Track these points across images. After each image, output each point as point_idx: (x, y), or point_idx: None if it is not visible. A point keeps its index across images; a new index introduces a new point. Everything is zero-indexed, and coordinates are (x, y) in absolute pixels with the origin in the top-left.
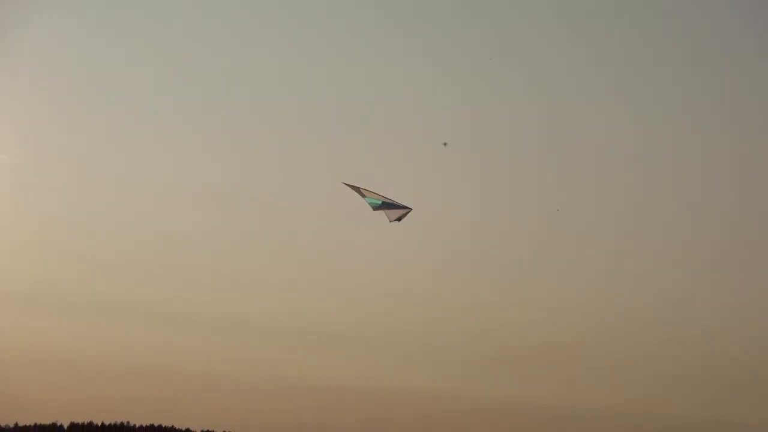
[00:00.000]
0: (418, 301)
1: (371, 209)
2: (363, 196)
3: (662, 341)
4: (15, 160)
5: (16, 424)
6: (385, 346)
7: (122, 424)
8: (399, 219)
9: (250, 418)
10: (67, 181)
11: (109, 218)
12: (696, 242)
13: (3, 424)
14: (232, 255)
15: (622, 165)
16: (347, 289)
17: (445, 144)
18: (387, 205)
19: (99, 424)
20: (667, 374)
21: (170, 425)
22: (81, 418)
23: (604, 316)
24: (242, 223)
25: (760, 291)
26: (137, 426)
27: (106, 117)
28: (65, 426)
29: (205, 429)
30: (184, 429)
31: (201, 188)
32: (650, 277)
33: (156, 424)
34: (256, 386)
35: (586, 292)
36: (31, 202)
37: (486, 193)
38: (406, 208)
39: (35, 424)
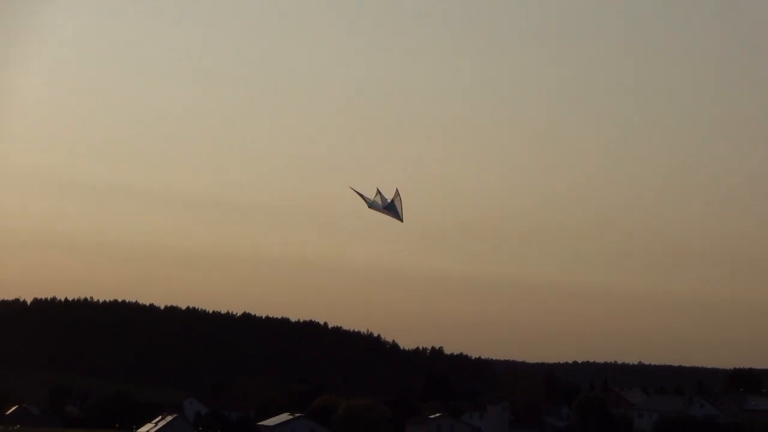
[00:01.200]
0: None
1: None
2: (367, 201)
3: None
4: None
5: None
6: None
7: (85, 299)
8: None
9: (214, 293)
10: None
11: (94, 99)
12: (695, 120)
13: None
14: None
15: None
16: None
17: None
18: (387, 209)
19: (62, 300)
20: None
21: (134, 300)
22: (44, 294)
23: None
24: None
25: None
26: (100, 302)
27: None
28: (28, 301)
29: (169, 304)
30: (147, 304)
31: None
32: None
33: (119, 300)
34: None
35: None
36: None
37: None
38: (397, 216)
39: None
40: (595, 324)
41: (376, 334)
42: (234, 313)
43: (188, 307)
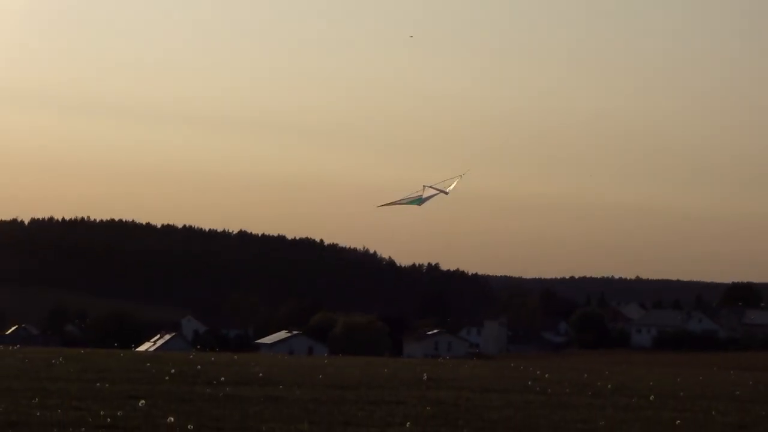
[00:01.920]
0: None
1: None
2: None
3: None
4: None
5: None
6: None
7: (83, 219)
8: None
9: (211, 211)
10: None
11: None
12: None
13: None
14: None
15: None
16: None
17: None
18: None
19: (60, 220)
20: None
21: (131, 219)
22: (41, 214)
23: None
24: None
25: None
26: (97, 221)
27: None
28: (26, 222)
29: (166, 223)
30: (144, 223)
31: None
32: None
33: (117, 219)
34: (214, 180)
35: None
36: None
37: None
38: (439, 191)
39: None
40: (592, 239)
41: (372, 251)
42: (230, 231)
43: (185, 225)
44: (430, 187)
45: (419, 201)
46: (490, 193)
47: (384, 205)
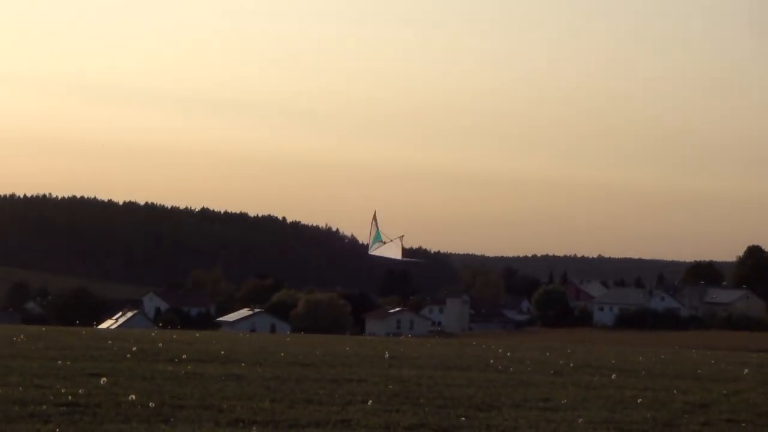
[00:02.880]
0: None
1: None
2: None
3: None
4: None
5: None
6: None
7: (44, 195)
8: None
9: (173, 189)
10: None
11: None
12: None
13: None
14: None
15: None
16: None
17: None
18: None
19: (21, 196)
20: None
21: (92, 196)
22: (3, 191)
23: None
24: None
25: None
26: (59, 198)
27: None
28: None
29: (128, 200)
30: (105, 200)
31: None
32: None
33: (78, 196)
34: (176, 157)
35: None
36: None
37: None
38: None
39: None
40: (554, 217)
41: (335, 229)
42: (192, 208)
43: (147, 203)
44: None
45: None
46: (453, 172)
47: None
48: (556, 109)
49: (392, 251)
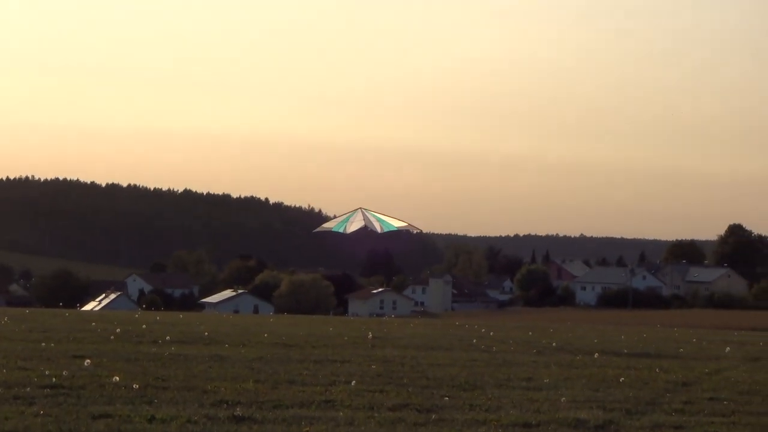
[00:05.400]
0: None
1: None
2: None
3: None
4: None
5: None
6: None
7: (26, 178)
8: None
9: (155, 170)
10: None
11: None
12: None
13: None
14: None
15: None
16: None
17: None
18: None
19: (3, 179)
20: None
21: (74, 179)
22: None
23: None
24: None
25: None
26: (41, 180)
27: None
28: None
29: (110, 182)
30: (88, 182)
31: None
32: None
33: (60, 178)
34: (158, 139)
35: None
36: None
37: None
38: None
39: None
40: (536, 196)
41: (317, 209)
42: (175, 189)
43: (129, 185)
44: (365, 212)
45: (342, 226)
46: (435, 151)
47: (319, 230)
48: (539, 88)
49: (353, 225)
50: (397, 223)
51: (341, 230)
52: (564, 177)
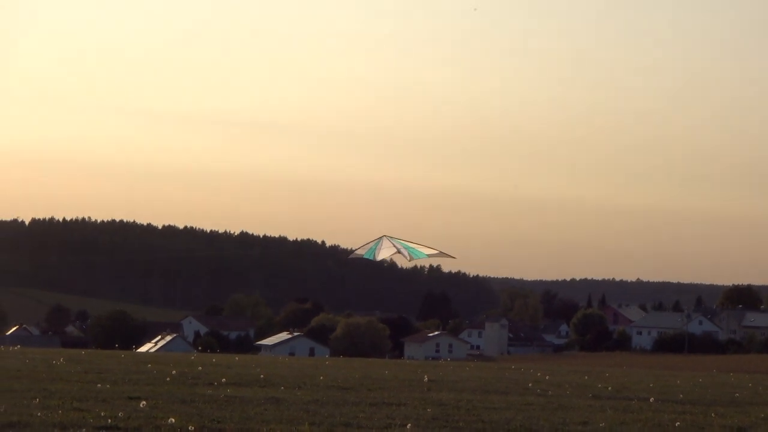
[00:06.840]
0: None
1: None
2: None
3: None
4: None
5: None
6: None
7: (83, 219)
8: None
9: (212, 212)
10: None
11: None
12: None
13: None
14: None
15: None
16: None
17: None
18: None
19: (60, 220)
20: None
21: (131, 220)
22: (42, 214)
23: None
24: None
25: None
26: (98, 221)
27: None
28: (26, 222)
29: (167, 224)
30: (145, 224)
31: None
32: None
33: (117, 220)
34: (215, 180)
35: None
36: None
37: None
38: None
39: None
40: (593, 241)
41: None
42: (232, 232)
43: (186, 226)
44: (391, 240)
45: (372, 253)
46: (492, 195)
47: (352, 256)
48: (598, 134)
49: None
50: (427, 251)
51: (371, 257)
52: (621, 221)
